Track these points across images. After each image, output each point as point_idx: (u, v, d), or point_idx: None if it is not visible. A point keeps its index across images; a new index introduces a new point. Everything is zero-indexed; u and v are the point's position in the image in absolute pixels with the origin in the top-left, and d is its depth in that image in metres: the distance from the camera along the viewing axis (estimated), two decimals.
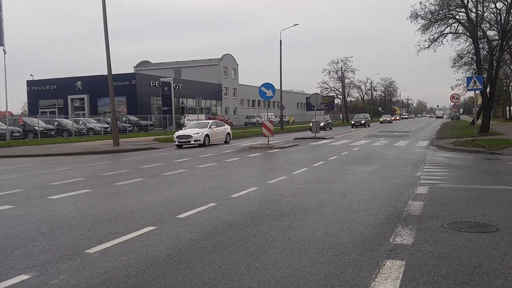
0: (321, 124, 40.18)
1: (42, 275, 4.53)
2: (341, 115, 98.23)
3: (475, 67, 33.37)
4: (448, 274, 4.34)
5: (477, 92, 27.06)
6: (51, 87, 56.32)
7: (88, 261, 4.94)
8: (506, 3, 28.75)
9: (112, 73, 26.43)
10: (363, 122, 56.13)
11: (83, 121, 43.55)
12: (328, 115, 64.31)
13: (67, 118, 45.54)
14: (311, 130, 36.22)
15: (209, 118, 55.83)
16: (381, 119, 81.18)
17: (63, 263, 4.89)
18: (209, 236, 5.87)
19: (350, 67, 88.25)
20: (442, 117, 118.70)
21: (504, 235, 5.66)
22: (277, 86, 30.77)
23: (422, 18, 30.84)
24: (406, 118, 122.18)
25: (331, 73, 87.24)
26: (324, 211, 7.24)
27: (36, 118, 39.20)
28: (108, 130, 39.63)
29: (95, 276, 4.47)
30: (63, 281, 4.37)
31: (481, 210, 7.10)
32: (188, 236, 5.88)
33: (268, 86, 24.44)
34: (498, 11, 29.66)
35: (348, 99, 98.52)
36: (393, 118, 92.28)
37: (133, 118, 47.68)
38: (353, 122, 56.98)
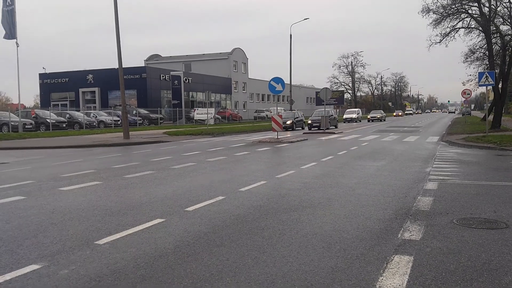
0: (288, 122, 34.36)
1: (53, 265, 4.59)
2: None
3: (487, 62, 33.01)
4: (457, 270, 4.33)
5: (489, 87, 26.82)
6: (63, 80, 56.68)
7: (98, 252, 4.99)
8: None
9: (123, 66, 26.55)
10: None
11: (94, 114, 43.85)
12: (332, 109, 58.68)
13: (78, 110, 45.85)
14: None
15: (219, 113, 56.08)
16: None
17: (73, 254, 4.94)
18: (217, 229, 5.90)
19: (361, 62, 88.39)
20: (454, 112, 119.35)
21: None
22: (286, 80, 30.72)
23: (434, 13, 30.62)
24: (411, 114, 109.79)
25: (341, 67, 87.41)
26: (332, 206, 7.24)
27: (48, 110, 39.56)
28: (119, 123, 39.87)
29: (104, 267, 4.52)
30: (73, 271, 4.42)
31: (491, 207, 7.05)
32: (196, 228, 5.91)
33: (278, 80, 24.40)
34: None
35: (358, 94, 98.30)
36: (394, 114, 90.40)
37: (143, 111, 47.87)
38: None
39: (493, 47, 31.21)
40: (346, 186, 9.16)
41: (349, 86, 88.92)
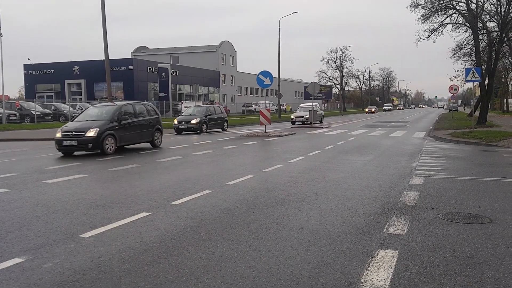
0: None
1: (36, 259, 4.53)
2: (338, 104, 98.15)
3: (474, 59, 33.29)
4: (441, 265, 4.36)
5: (476, 83, 27.06)
6: (49, 71, 55.94)
7: (82, 246, 4.94)
8: None
9: (109, 58, 26.32)
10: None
11: (80, 106, 43.35)
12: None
13: (64, 102, 45.32)
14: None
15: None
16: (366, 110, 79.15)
17: (57, 247, 4.89)
18: (203, 223, 5.88)
19: (349, 57, 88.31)
20: (443, 107, 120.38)
21: (497, 227, 5.69)
22: (275, 74, 30.68)
23: (422, 8, 30.75)
24: (389, 109, 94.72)
25: (329, 62, 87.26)
26: (318, 200, 7.26)
27: (33, 102, 39.03)
28: None
29: (89, 261, 4.47)
30: (57, 264, 4.37)
31: (476, 202, 7.12)
32: (182, 222, 5.89)
33: (266, 74, 24.38)
34: (498, 3, 29.52)
35: (346, 88, 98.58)
36: (366, 110, 79.27)
37: None
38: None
39: (480, 43, 31.47)
40: (333, 180, 9.19)
41: (337, 80, 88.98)
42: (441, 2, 30.51)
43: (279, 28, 46.60)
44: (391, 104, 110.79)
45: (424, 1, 30.63)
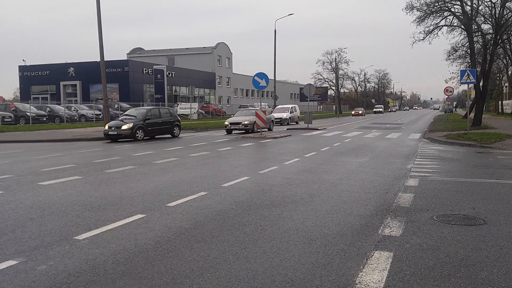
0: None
1: (30, 261, 4.52)
2: (334, 106, 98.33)
3: (469, 61, 33.44)
4: (435, 266, 4.37)
5: (471, 85, 27.16)
6: (44, 72, 55.80)
7: (77, 248, 4.93)
8: None
9: (105, 59, 26.25)
10: (360, 112, 72.52)
11: (75, 108, 43.27)
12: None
13: (59, 104, 45.18)
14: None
15: (203, 107, 55.82)
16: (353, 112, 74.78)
17: (52, 249, 4.87)
18: (198, 224, 5.87)
19: (344, 58, 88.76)
20: (438, 109, 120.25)
21: (492, 228, 5.71)
22: (271, 76, 30.70)
23: (417, 10, 30.87)
24: (380, 112, 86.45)
25: (325, 64, 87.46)
26: (314, 202, 7.26)
27: (28, 103, 38.87)
28: (100, 117, 39.40)
29: (83, 263, 4.46)
30: (51, 267, 4.36)
31: (470, 203, 7.15)
32: (177, 224, 5.88)
33: (262, 75, 24.39)
34: (493, 5, 29.70)
35: (342, 90, 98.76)
36: (353, 112, 74.80)
37: (125, 105, 47.36)
38: (353, 113, 72.58)
39: (475, 45, 31.61)
40: (328, 182, 9.20)
41: (332, 82, 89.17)
42: (436, 4, 30.65)
43: (275, 30, 46.52)
44: (382, 106, 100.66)
45: (420, 3, 30.81)
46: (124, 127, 20.86)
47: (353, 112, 75.73)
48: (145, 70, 55.81)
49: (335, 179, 9.52)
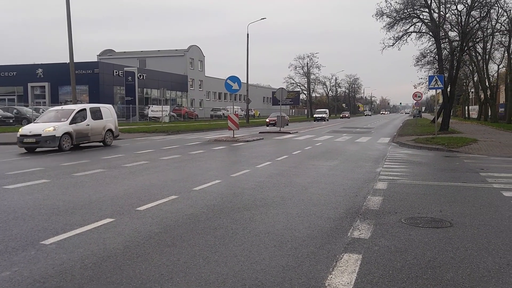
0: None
1: None
2: (306, 110, 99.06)
3: (437, 67, 34.20)
4: (403, 268, 4.45)
5: (438, 91, 27.81)
6: (10, 73, 54.38)
7: (43, 253, 4.82)
8: (466, 5, 29.61)
9: (75, 61, 25.80)
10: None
11: (43, 110, 42.32)
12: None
13: (27, 106, 44.14)
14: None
15: (174, 110, 55.45)
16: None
17: (17, 255, 4.75)
18: (169, 229, 5.82)
19: (316, 63, 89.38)
20: (408, 113, 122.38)
21: (457, 230, 5.85)
22: (243, 80, 30.71)
23: (387, 16, 31.40)
24: (322, 119, 70.09)
25: (297, 68, 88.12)
26: (285, 205, 7.29)
27: None
28: None
29: (50, 268, 4.36)
30: (16, 273, 4.24)
31: (438, 206, 7.30)
32: (147, 228, 5.81)
33: (234, 79, 24.37)
34: (459, 13, 30.54)
35: (313, 94, 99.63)
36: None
37: None
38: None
39: (443, 52, 32.36)
40: (299, 185, 9.26)
41: (304, 86, 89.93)
42: (406, 11, 31.25)
43: (248, 34, 46.65)
44: (326, 110, 79.10)
45: (389, 10, 31.35)
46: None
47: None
48: (116, 72, 55.05)
49: (306, 182, 9.58)
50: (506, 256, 4.83)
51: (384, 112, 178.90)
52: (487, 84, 46.81)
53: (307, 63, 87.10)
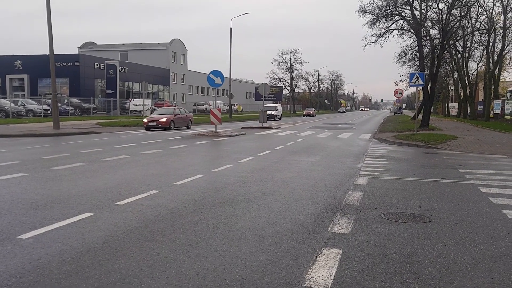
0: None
1: None
2: (288, 106, 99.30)
3: (418, 64, 34.57)
4: (382, 263, 4.49)
5: (419, 88, 28.11)
6: None
7: (20, 247, 4.74)
8: (447, 4, 29.97)
9: (55, 53, 25.39)
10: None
11: (22, 102, 41.61)
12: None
13: (5, 98, 43.34)
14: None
15: (156, 104, 55.00)
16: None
17: None
18: (149, 223, 5.78)
19: (299, 59, 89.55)
20: (390, 110, 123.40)
21: (436, 226, 5.93)
22: (226, 74, 30.62)
23: (370, 13, 31.60)
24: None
25: (280, 64, 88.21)
26: (266, 200, 7.30)
27: None
28: (49, 112, 38.02)
29: (26, 263, 4.29)
30: None
31: (417, 202, 7.39)
32: (127, 223, 5.76)
33: (217, 73, 24.28)
34: (440, 11, 30.90)
35: (296, 90, 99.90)
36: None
37: (75, 100, 46.08)
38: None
39: (424, 49, 32.72)
40: (281, 180, 9.27)
41: (287, 82, 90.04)
42: (388, 8, 31.49)
43: (231, 28, 46.44)
44: (277, 106, 52.15)
45: (372, 7, 31.55)
46: None
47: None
48: (97, 64, 54.41)
49: (287, 178, 9.61)
50: (482, 251, 4.92)
51: (363, 109, 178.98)
52: (466, 82, 47.49)
53: (290, 58, 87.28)
